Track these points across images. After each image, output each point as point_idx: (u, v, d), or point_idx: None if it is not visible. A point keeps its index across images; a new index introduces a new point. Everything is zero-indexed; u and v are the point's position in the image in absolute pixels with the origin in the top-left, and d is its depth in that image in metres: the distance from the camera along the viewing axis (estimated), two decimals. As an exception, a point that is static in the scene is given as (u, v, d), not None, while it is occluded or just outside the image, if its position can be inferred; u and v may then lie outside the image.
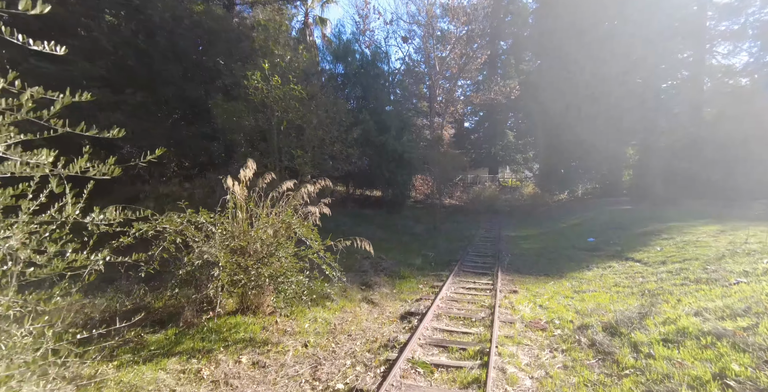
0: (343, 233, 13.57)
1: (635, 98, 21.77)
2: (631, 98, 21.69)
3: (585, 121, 22.62)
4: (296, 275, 5.71)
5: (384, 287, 7.85)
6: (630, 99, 21.67)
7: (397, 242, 13.26)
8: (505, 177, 42.17)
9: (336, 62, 20.72)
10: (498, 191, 29.43)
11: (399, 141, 19.82)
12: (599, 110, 22.39)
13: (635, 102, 21.72)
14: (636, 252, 9.40)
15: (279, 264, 5.60)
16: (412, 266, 9.79)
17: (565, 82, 23.43)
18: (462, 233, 15.48)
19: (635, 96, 21.84)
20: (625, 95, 21.90)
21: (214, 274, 4.77)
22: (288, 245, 5.76)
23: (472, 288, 7.75)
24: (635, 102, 21.72)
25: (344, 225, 14.60)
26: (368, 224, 16.04)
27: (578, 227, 14.95)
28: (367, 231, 14.27)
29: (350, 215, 17.68)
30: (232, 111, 7.88)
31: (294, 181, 6.25)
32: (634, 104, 21.77)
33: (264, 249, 5.54)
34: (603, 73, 22.50)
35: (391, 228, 15.76)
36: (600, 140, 22.46)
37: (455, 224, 18.58)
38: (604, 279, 7.94)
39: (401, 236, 14.24)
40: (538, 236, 14.80)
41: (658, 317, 5.09)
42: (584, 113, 22.45)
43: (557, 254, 11.03)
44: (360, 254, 10.70)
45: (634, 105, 21.77)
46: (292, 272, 5.65)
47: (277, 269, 5.50)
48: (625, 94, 21.95)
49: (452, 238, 14.40)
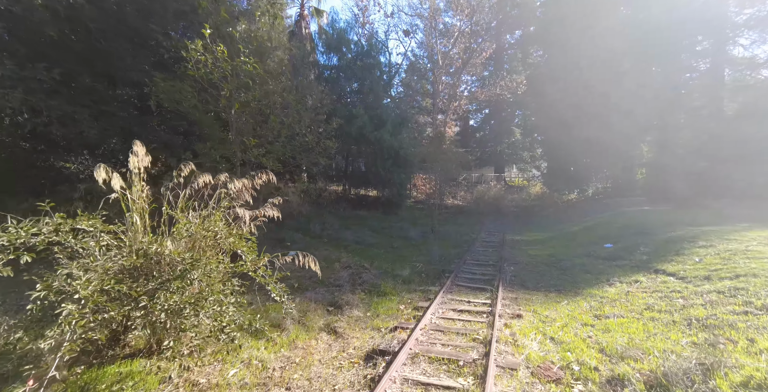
0: (326, 238, 12.01)
1: (650, 92, 19.85)
2: (646, 93, 19.79)
3: (596, 117, 20.75)
4: (218, 303, 4.14)
5: (356, 309, 6.25)
6: (645, 93, 19.76)
7: (387, 247, 11.65)
8: (511, 176, 40.31)
9: (329, 53, 19.17)
10: (504, 191, 27.63)
11: (396, 137, 18.21)
12: (611, 106, 20.51)
13: (650, 96, 19.82)
14: (667, 263, 7.66)
15: (193, 289, 4.02)
16: (398, 279, 8.17)
17: (575, 76, 21.58)
18: (461, 237, 13.80)
19: (651, 90, 19.92)
20: (639, 89, 20.00)
21: (63, 312, 3.17)
22: (210, 263, 4.18)
23: (464, 311, 6.11)
24: (650, 96, 19.82)
25: (330, 229, 13.06)
26: (359, 226, 14.46)
27: (592, 230, 13.17)
28: (355, 235, 12.71)
29: (341, 216, 16.13)
30: (172, 91, 6.37)
31: (209, 175, 4.65)
32: (649, 98, 19.86)
33: (168, 270, 3.96)
34: (615, 67, 20.62)
35: (384, 231, 14.15)
36: (612, 137, 20.57)
37: (455, 226, 16.89)
38: (631, 299, 6.24)
39: (393, 241, 12.62)
40: (547, 241, 13.06)
41: (732, 372, 3.41)
42: (595, 109, 20.60)
43: (570, 264, 9.32)
44: (340, 263, 9.14)
45: (649, 100, 19.86)
46: (212, 299, 4.08)
47: (187, 296, 3.92)
48: (639, 88, 20.05)
49: (450, 243, 12.74)
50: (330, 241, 11.68)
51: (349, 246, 11.22)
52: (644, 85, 20.04)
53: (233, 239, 4.44)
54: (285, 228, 12.17)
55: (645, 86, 20.03)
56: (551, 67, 25.02)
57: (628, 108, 20.24)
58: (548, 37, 25.53)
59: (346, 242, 11.76)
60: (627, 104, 20.17)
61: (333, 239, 11.94)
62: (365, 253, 10.61)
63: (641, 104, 20.09)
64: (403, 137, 18.49)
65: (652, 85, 20.09)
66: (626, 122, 19.96)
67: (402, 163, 18.54)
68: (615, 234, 11.60)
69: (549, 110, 23.18)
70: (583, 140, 21.41)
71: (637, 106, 20.04)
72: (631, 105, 20.09)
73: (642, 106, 20.09)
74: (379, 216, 17.65)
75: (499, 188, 28.44)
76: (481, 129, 38.01)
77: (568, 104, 21.35)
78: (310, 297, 6.69)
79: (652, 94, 19.85)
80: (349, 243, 11.63)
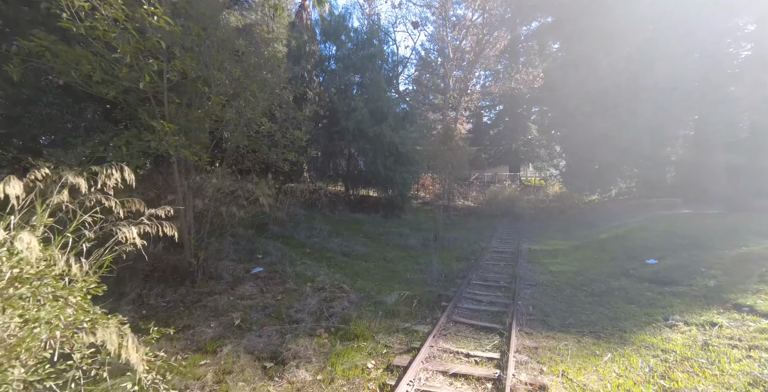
0: (309, 248, 10.06)
1: (686, 81, 17.21)
2: (681, 82, 17.16)
3: (624, 109, 18.21)
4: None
5: (306, 366, 4.25)
6: (680, 83, 17.13)
7: (378, 259, 9.62)
8: (527, 176, 37.72)
9: (326, 42, 17.24)
10: (519, 191, 25.24)
11: (398, 133, 16.14)
12: (641, 97, 17.98)
13: (685, 86, 17.18)
14: (753, 296, 5.42)
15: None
16: (380, 308, 6.14)
17: (599, 66, 19.05)
18: (469, 246, 11.65)
19: (686, 79, 17.28)
20: (673, 78, 17.39)
21: None
22: None
23: (459, 376, 4.03)
24: (685, 86, 17.18)
25: (317, 236, 11.11)
26: (352, 233, 12.48)
27: (626, 239, 10.85)
28: (345, 244, 10.72)
29: (335, 221, 14.18)
30: (61, 55, 4.51)
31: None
32: (684, 88, 17.21)
33: None
34: (647, 54, 18.04)
35: (380, 239, 12.13)
36: (641, 132, 18.00)
37: (464, 231, 14.72)
38: (715, 358, 4.07)
39: (388, 251, 10.59)
40: (571, 252, 10.80)
41: None
42: (622, 101, 18.07)
43: (605, 287, 7.11)
44: (313, 284, 7.18)
45: (684, 90, 17.21)
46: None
47: None
48: (673, 77, 17.43)
49: (455, 253, 10.61)
50: (313, 251, 9.73)
51: (334, 258, 9.24)
52: (679, 73, 17.40)
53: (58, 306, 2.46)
54: (266, 236, 10.32)
55: (680, 75, 17.40)
56: (572, 58, 22.48)
57: (660, 99, 17.65)
58: (568, 27, 22.99)
59: (331, 252, 9.79)
60: (659, 95, 17.58)
61: (318, 248, 9.98)
62: (350, 268, 8.62)
63: (675, 94, 17.48)
64: (407, 133, 16.42)
65: (688, 73, 17.44)
66: (658, 114, 17.39)
67: (405, 161, 16.48)
68: (658, 245, 9.28)
69: (570, 103, 20.69)
70: (607, 136, 18.88)
71: (670, 97, 17.43)
72: (664, 96, 17.49)
73: (676, 97, 17.47)
74: (378, 220, 15.64)
75: (514, 188, 26.04)
76: (495, 126, 35.51)
77: (591, 96, 18.86)
78: (247, 345, 4.73)
79: (687, 84, 17.21)
80: (334, 254, 9.65)
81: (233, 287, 6.74)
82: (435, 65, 31.47)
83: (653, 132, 18.02)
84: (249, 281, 7.22)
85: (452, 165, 16.86)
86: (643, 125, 17.68)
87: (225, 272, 7.16)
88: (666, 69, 17.32)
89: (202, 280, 6.58)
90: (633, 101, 17.96)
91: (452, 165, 16.86)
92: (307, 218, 13.83)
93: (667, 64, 17.44)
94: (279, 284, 7.19)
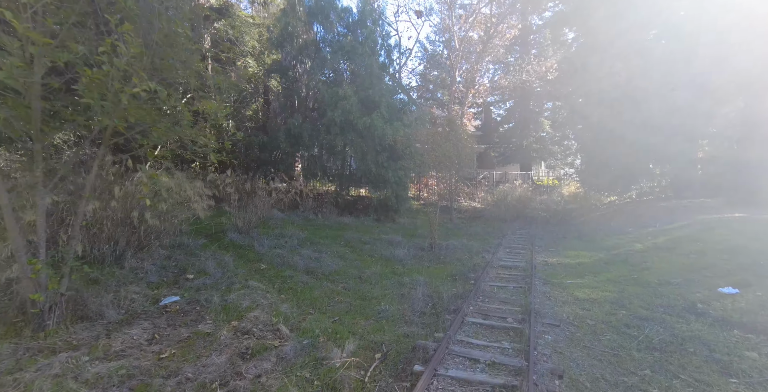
0: (266, 263, 7.62)
1: (736, 61, 14.33)
2: (729, 63, 14.30)
3: (655, 100, 15.45)
4: None
5: None
6: (728, 64, 14.27)
7: (350, 279, 7.25)
8: (540, 175, 34.88)
9: (311, 22, 14.98)
10: (531, 192, 22.54)
11: (392, 124, 13.78)
12: (675, 84, 15.21)
13: (737, 66, 14.29)
14: None
15: None
16: (316, 375, 3.80)
17: (626, 53, 16.30)
18: (470, 259, 9.19)
19: (737, 59, 14.39)
20: (720, 58, 14.55)
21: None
22: None
23: None
24: (737, 66, 14.29)
25: (284, 246, 8.82)
26: (331, 240, 10.17)
27: (673, 251, 8.26)
28: (314, 256, 8.38)
29: (316, 225, 11.91)
30: None
31: None
32: (735, 68, 14.32)
33: None
34: (685, 31, 15.24)
35: (363, 249, 9.77)
36: (671, 125, 15.22)
37: (466, 238, 12.25)
38: None
39: (368, 265, 8.22)
40: (601, 268, 8.26)
41: None
42: (653, 90, 15.30)
43: (667, 334, 4.63)
44: (241, 322, 4.90)
45: (735, 70, 14.33)
46: None
47: None
48: (719, 55, 14.59)
49: (450, 270, 8.17)
50: (270, 268, 7.43)
51: (292, 278, 6.92)
52: (724, 52, 14.53)
53: None
54: (218, 246, 8.11)
55: (725, 53, 14.52)
56: (591, 42, 19.67)
57: (696, 85, 14.85)
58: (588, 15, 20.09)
59: (292, 269, 7.47)
60: (698, 80, 14.77)
61: (278, 263, 7.68)
62: (308, 293, 6.29)
63: (718, 77, 14.65)
64: (402, 125, 14.03)
65: (735, 51, 14.54)
66: (695, 104, 14.59)
67: (400, 157, 14.10)
68: (724, 263, 6.71)
69: (590, 93, 17.95)
70: (632, 130, 16.13)
71: (710, 82, 14.62)
72: (703, 81, 14.68)
73: (719, 80, 14.64)
74: (368, 224, 13.29)
75: (525, 187, 23.32)
76: (505, 122, 32.78)
77: (617, 87, 16.09)
78: None
79: (735, 63, 14.32)
80: (295, 272, 7.33)
81: (113, 332, 4.47)
82: (440, 58, 28.98)
83: (688, 124, 15.22)
84: (147, 319, 4.95)
85: (455, 161, 14.43)
86: (677, 117, 14.92)
87: (110, 308, 4.90)
88: (709, 49, 14.49)
89: (60, 324, 4.33)
90: (662, 91, 15.19)
91: (455, 161, 14.43)
92: (284, 223, 11.60)
93: (710, 43, 14.60)
94: (188, 325, 4.90)
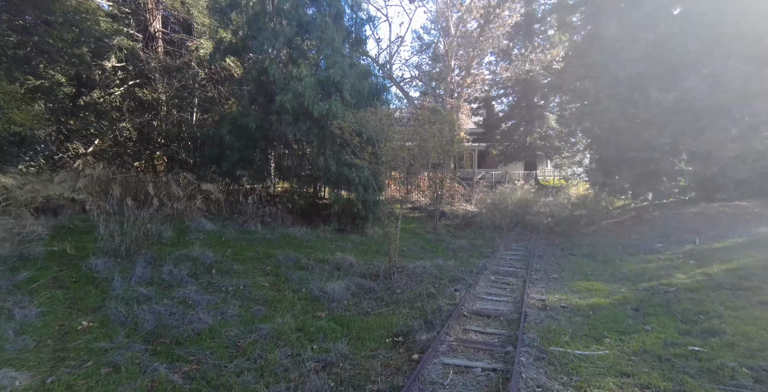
0: (103, 314, 4.71)
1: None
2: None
3: (687, 74, 12.04)
4: None
5: None
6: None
7: (220, 351, 4.23)
8: (545, 174, 31.46)
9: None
10: (534, 193, 19.31)
11: (359, 112, 10.74)
12: (705, 70, 11.84)
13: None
14: None
15: None
16: None
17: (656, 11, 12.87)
18: (432, 299, 6.13)
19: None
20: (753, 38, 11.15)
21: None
22: None
23: None
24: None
25: (175, 275, 5.85)
26: (254, 264, 7.26)
27: (751, 295, 5.13)
28: (200, 295, 5.35)
29: (252, 240, 9.03)
30: None
31: None
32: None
33: None
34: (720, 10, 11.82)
35: (294, 278, 6.76)
36: (714, 105, 11.79)
37: (443, 257, 9.18)
38: None
39: (272, 316, 5.20)
40: (628, 321, 5.14)
41: None
42: (691, 60, 11.92)
43: None
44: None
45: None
46: None
47: None
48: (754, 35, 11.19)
49: (391, 324, 5.13)
50: (98, 325, 4.50)
51: (108, 353, 3.97)
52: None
53: None
54: (55, 279, 5.30)
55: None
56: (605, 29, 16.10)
57: (737, 65, 11.43)
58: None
59: (130, 331, 4.47)
60: (737, 60, 11.36)
61: (117, 317, 4.64)
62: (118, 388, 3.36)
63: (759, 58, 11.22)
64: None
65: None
66: (728, 92, 11.19)
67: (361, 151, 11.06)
68: None
69: (603, 70, 14.49)
70: (653, 124, 12.74)
71: (751, 63, 11.20)
72: (746, 62, 11.27)
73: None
74: (324, 238, 10.34)
75: (527, 188, 20.08)
76: (508, 118, 29.38)
77: (639, 51, 12.64)
78: None
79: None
80: (131, 336, 4.33)
81: None
82: (436, 46, 25.82)
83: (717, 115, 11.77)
84: None
85: (438, 157, 11.35)
86: (706, 107, 11.53)
87: None
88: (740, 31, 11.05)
89: None
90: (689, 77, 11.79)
91: (438, 157, 11.35)
92: (209, 237, 8.75)
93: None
94: None
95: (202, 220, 9.62)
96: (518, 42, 27.16)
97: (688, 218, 11.72)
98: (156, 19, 14.67)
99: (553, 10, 25.56)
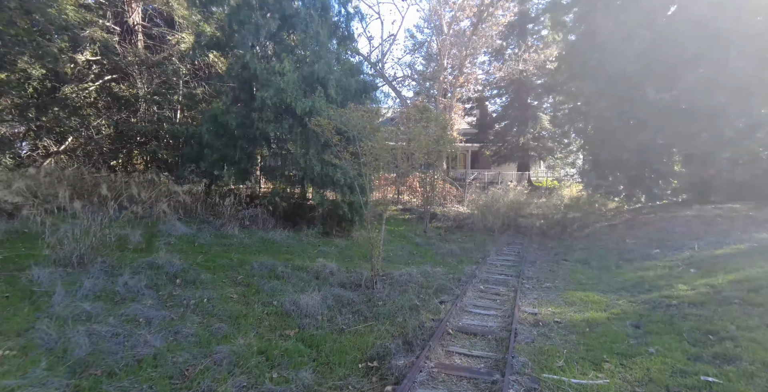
0: (28, 338, 3.96)
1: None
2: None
3: (685, 73, 11.59)
4: None
5: None
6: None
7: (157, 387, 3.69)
8: (539, 175, 31.07)
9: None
10: (526, 195, 18.82)
11: (342, 109, 10.13)
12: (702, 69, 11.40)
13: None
14: None
15: None
16: None
17: (654, 7, 12.40)
18: (415, 312, 5.57)
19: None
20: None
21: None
22: None
23: None
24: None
25: (132, 287, 5.21)
26: (225, 272, 6.62)
27: (764, 311, 4.64)
28: (155, 310, 4.67)
29: (227, 245, 8.40)
30: None
31: None
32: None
33: None
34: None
35: (266, 289, 6.15)
36: (714, 105, 11.35)
37: (431, 263, 8.63)
38: None
39: (233, 335, 4.60)
40: (629, 341, 4.62)
41: None
42: (689, 57, 11.46)
43: None
44: None
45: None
46: None
47: None
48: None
49: (368, 343, 4.56)
50: (33, 347, 3.87)
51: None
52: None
53: None
54: None
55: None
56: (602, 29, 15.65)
57: (740, 62, 11.01)
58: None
59: (72, 353, 3.90)
60: (740, 57, 10.93)
61: (42, 341, 4.08)
62: None
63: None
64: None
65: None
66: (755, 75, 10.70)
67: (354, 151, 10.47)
68: None
69: (597, 70, 14.04)
70: (656, 110, 12.16)
71: (756, 57, 10.78)
72: (750, 58, 10.85)
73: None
74: (306, 242, 9.72)
75: (520, 190, 19.59)
76: (501, 119, 28.95)
77: (635, 48, 12.16)
78: None
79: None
80: (75, 359, 3.76)
81: None
82: (429, 44, 25.29)
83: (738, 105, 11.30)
84: None
85: (424, 155, 10.82)
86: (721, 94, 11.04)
87: None
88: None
89: None
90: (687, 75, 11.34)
91: (424, 155, 10.82)
92: (180, 242, 8.11)
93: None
94: None
95: (177, 223, 8.97)
96: (512, 42, 26.76)
97: (684, 222, 11.28)
98: (135, 11, 13.94)
99: (547, 9, 25.10)
